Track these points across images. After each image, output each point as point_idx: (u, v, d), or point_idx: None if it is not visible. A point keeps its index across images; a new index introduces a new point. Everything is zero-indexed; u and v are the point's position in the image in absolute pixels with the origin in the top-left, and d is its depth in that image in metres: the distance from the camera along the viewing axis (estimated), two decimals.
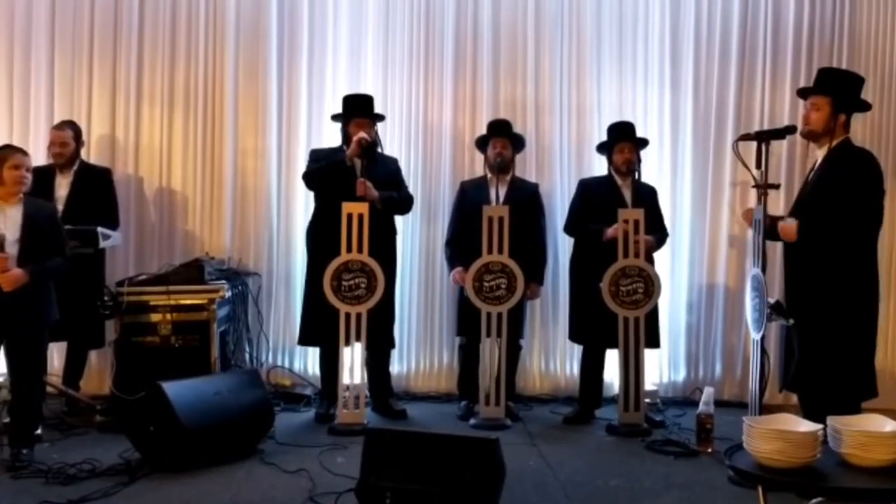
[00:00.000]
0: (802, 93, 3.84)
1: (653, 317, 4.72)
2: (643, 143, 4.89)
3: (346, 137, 4.71)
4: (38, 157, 5.00)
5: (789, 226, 3.62)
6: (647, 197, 4.82)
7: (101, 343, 4.80)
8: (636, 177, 4.84)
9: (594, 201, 4.79)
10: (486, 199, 4.77)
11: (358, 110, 4.75)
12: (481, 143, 4.96)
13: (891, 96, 5.29)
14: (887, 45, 5.30)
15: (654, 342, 4.79)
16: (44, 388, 4.07)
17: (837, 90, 3.62)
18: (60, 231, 3.93)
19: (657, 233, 4.82)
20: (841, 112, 3.58)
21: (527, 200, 4.88)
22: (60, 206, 4.65)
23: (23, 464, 3.70)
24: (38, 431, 4.01)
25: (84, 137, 5.01)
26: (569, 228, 4.95)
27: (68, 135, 4.82)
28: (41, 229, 3.79)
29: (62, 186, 4.77)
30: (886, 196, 3.62)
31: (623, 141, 4.78)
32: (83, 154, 4.98)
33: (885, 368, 4.87)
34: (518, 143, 4.98)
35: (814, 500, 3.00)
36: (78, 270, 4.39)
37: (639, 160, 4.84)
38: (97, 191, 4.83)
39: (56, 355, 4.96)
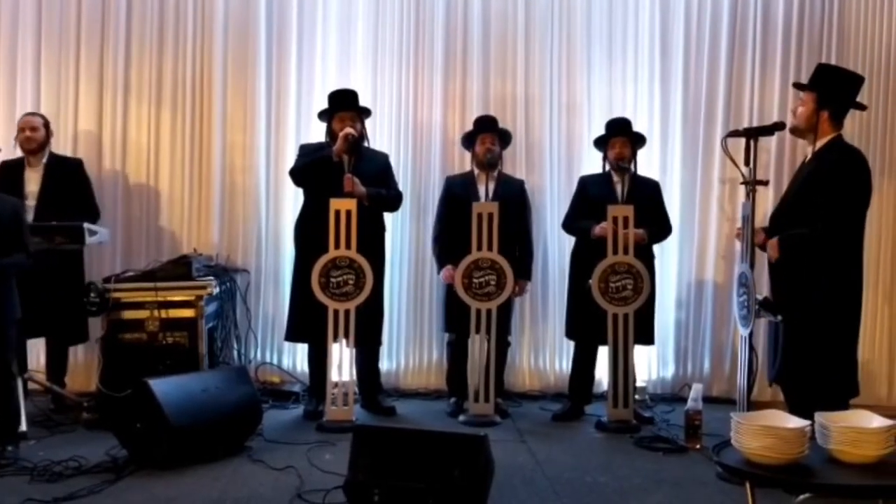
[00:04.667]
0: (798, 87, 3.84)
1: (648, 313, 4.72)
2: (639, 138, 4.87)
3: (332, 133, 4.69)
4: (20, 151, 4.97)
5: (771, 246, 3.63)
6: (647, 192, 4.79)
7: (85, 338, 4.77)
8: (632, 172, 4.81)
9: (590, 198, 4.79)
10: (475, 195, 4.76)
11: (342, 104, 4.73)
12: (467, 140, 4.95)
13: (880, 91, 5.29)
14: (876, 39, 5.31)
15: (648, 339, 4.80)
16: (17, 384, 3.98)
17: (822, 86, 3.63)
18: (23, 226, 3.86)
19: (657, 227, 4.79)
20: (824, 108, 3.58)
21: (514, 196, 4.88)
22: (32, 202, 4.61)
23: (8, 461, 3.67)
24: (24, 429, 3.98)
25: (71, 132, 4.97)
26: (565, 225, 4.95)
27: (38, 121, 4.76)
28: (3, 225, 3.72)
29: (32, 181, 4.69)
30: (874, 193, 3.62)
31: (616, 136, 4.77)
32: (69, 150, 4.94)
33: (865, 365, 4.88)
34: (505, 138, 4.97)
35: (801, 497, 3.02)
36: (58, 266, 4.36)
37: (634, 155, 4.82)
38: (70, 183, 4.76)
39: (40, 353, 4.93)
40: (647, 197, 4.76)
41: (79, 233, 4.42)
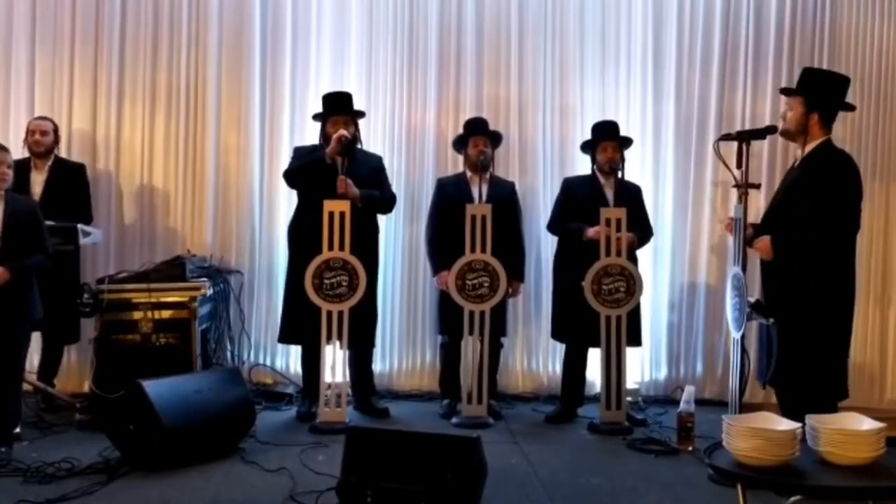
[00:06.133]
0: (785, 93, 3.86)
1: (634, 315, 4.74)
2: (627, 142, 4.90)
3: (326, 136, 4.69)
4: (17, 153, 4.94)
5: (763, 243, 3.64)
6: (631, 196, 4.83)
7: (77, 338, 4.77)
8: (620, 176, 4.84)
9: (577, 200, 4.80)
10: (468, 197, 4.76)
11: (336, 107, 4.73)
12: (459, 143, 4.97)
13: (871, 96, 5.33)
14: (867, 45, 5.35)
15: (635, 340, 4.81)
16: (22, 386, 4.02)
17: (810, 89, 3.65)
18: (41, 227, 3.88)
19: (640, 231, 4.83)
20: (813, 111, 3.60)
21: (506, 198, 4.90)
22: None
23: (1, 462, 3.66)
24: (17, 430, 3.98)
25: (65, 134, 4.96)
26: (552, 227, 4.96)
27: (48, 125, 4.82)
28: (22, 226, 3.75)
29: (37, 183, 4.73)
30: (865, 197, 3.64)
31: (606, 140, 4.79)
32: (63, 152, 4.94)
33: (856, 367, 4.91)
34: (496, 140, 4.99)
35: (792, 498, 3.03)
36: (55, 266, 4.35)
37: (622, 159, 4.84)
38: (71, 186, 4.79)
39: (33, 352, 4.90)
40: (632, 201, 4.79)
41: (72, 233, 4.43)
